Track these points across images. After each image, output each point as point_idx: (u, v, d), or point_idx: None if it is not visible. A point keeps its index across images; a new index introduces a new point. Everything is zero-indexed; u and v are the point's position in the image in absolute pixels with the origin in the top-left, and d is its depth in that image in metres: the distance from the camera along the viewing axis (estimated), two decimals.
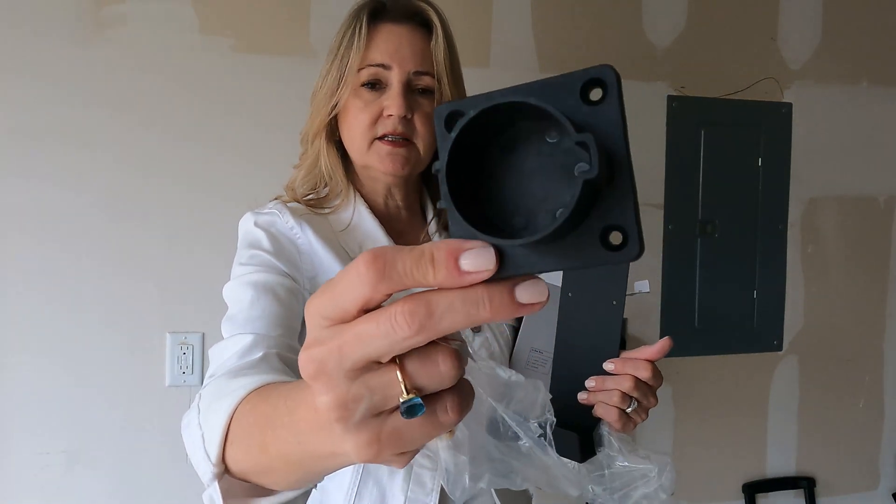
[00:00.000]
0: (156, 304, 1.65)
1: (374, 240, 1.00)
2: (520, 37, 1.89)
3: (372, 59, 0.97)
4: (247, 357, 0.80)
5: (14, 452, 1.59)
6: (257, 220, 0.98)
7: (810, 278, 2.18)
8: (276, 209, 1.00)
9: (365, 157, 1.00)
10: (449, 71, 1.00)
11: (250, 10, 1.69)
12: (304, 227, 0.97)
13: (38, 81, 1.57)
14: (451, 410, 0.37)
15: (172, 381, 1.65)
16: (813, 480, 2.19)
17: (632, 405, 0.79)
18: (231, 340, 0.83)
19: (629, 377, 0.78)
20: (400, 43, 0.98)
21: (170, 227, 1.65)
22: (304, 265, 0.96)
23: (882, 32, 2.20)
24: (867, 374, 2.26)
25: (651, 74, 2.00)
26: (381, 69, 0.97)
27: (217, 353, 0.84)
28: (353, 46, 0.97)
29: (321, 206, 1.03)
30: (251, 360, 0.79)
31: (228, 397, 0.61)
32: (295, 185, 1.07)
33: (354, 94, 0.98)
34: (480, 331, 1.03)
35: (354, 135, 0.99)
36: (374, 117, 0.98)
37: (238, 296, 0.89)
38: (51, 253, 1.59)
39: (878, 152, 2.22)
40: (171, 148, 1.65)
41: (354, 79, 0.98)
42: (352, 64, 0.97)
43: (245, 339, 0.82)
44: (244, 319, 0.86)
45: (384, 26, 0.99)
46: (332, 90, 0.99)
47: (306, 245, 0.97)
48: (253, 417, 0.57)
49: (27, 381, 1.59)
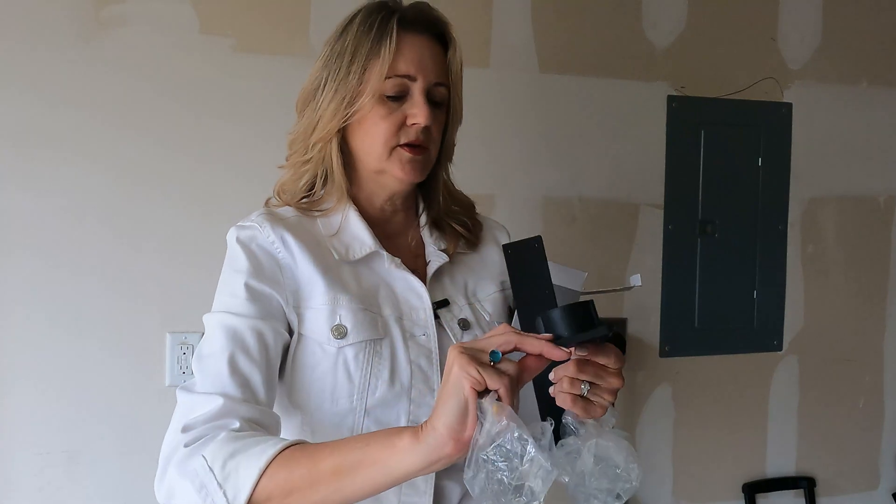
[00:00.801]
0: (156, 304, 1.65)
1: (361, 241, 1.02)
2: (520, 37, 1.89)
3: (399, 70, 0.98)
4: (216, 421, 0.87)
5: (14, 452, 1.59)
6: (239, 236, 1.00)
7: (810, 278, 2.18)
8: (258, 222, 1.00)
9: (383, 164, 1.00)
10: (460, 83, 1.04)
11: (250, 10, 1.69)
12: (285, 238, 0.99)
13: (38, 82, 1.57)
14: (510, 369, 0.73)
15: (172, 381, 1.65)
16: (813, 480, 2.19)
17: (583, 388, 0.78)
18: (200, 400, 0.89)
19: (573, 361, 0.78)
20: (424, 54, 0.99)
21: (170, 227, 1.65)
22: (285, 279, 0.97)
23: (882, 32, 2.20)
24: (867, 374, 2.26)
25: (651, 74, 2.00)
26: (407, 80, 0.98)
27: (187, 405, 0.90)
28: (381, 54, 0.97)
29: (312, 208, 1.04)
30: (220, 424, 0.87)
31: (255, 459, 0.80)
32: (285, 189, 1.07)
33: (378, 100, 0.98)
34: (469, 328, 1.04)
35: (375, 142, 0.99)
36: (397, 126, 0.98)
37: (211, 336, 0.95)
38: (50, 253, 1.59)
39: (878, 152, 2.22)
40: (171, 148, 1.65)
41: (379, 86, 0.97)
42: (378, 71, 0.97)
43: (215, 403, 0.88)
44: (215, 372, 0.91)
45: (408, 36, 0.99)
46: (350, 97, 0.99)
47: (287, 259, 0.98)
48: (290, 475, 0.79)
49: (27, 381, 1.59)
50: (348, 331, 0.96)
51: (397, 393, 0.96)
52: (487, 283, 1.10)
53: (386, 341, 0.97)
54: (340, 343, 0.95)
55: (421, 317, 1.01)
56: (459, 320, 1.03)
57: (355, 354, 0.95)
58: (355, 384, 0.95)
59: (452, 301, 1.04)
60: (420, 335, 1.00)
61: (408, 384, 0.96)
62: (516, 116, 1.90)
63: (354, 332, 0.96)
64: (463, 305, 1.05)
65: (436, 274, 1.06)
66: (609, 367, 0.79)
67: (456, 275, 1.08)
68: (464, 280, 1.08)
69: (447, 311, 1.03)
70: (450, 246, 1.08)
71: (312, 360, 0.96)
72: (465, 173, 1.17)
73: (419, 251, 1.08)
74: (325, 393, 0.96)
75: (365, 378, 0.95)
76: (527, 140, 1.91)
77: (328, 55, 1.02)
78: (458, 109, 1.05)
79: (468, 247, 1.11)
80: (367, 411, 0.95)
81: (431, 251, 1.07)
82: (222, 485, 0.80)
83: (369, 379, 0.95)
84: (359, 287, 1.00)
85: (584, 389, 0.78)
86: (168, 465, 0.86)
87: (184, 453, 0.85)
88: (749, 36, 2.08)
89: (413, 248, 1.08)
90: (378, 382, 0.95)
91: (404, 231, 1.09)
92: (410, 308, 1.01)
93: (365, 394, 0.95)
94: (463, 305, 1.05)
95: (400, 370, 0.97)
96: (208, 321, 0.97)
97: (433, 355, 0.99)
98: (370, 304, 0.99)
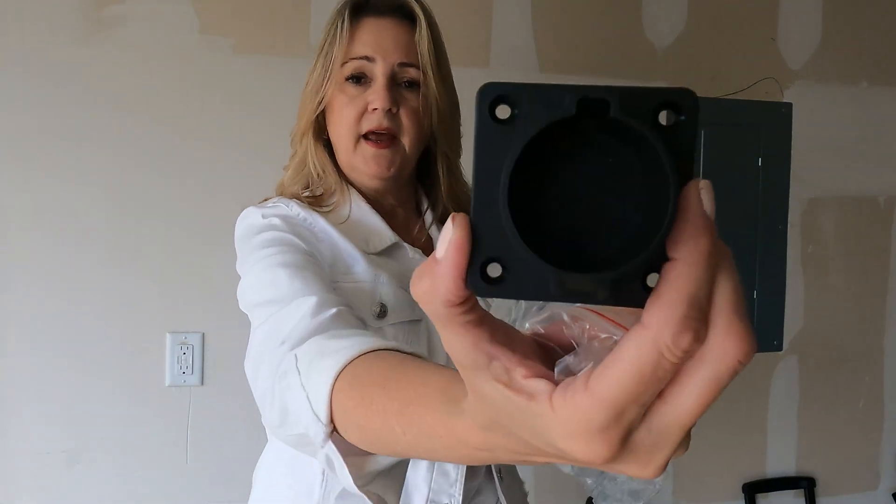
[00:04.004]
0: (156, 304, 1.65)
1: (379, 234, 0.99)
2: (520, 37, 1.89)
3: (355, 53, 0.96)
4: (319, 315, 0.75)
5: (14, 452, 1.59)
6: (265, 213, 0.94)
7: (810, 278, 2.18)
8: (283, 202, 0.97)
9: (351, 158, 0.98)
10: (434, 64, 0.98)
11: (250, 10, 1.69)
12: (314, 216, 0.95)
13: (39, 81, 1.57)
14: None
15: (172, 381, 1.65)
16: (813, 480, 2.19)
17: None
18: (292, 305, 0.77)
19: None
20: (383, 35, 0.97)
21: (170, 227, 1.65)
22: (322, 249, 0.93)
23: (882, 32, 2.20)
24: (867, 374, 2.26)
25: (651, 74, 2.00)
26: (364, 62, 0.96)
27: (278, 322, 0.76)
28: (337, 41, 0.96)
29: (318, 204, 1.01)
30: (326, 317, 0.75)
31: (332, 356, 0.62)
32: (285, 187, 1.05)
33: (339, 88, 0.97)
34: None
35: (341, 132, 0.98)
36: (359, 112, 0.96)
37: (269, 278, 0.83)
38: (50, 252, 1.59)
39: (878, 152, 2.22)
40: (171, 148, 1.65)
41: (339, 73, 0.97)
42: (336, 58, 0.96)
43: (309, 300, 0.77)
44: (291, 292, 0.80)
45: (367, 20, 0.98)
46: (317, 86, 0.98)
47: (323, 233, 0.94)
48: (370, 379, 0.57)
49: (27, 381, 1.59)
50: (389, 310, 0.92)
51: None
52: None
53: (423, 324, 0.95)
54: (380, 323, 0.92)
55: None
56: None
57: (394, 335, 0.92)
58: None
59: None
60: None
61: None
62: None
63: (395, 312, 0.93)
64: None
65: None
66: None
67: None
68: None
69: None
70: None
71: None
72: (466, 173, 1.17)
73: (427, 247, 1.06)
74: None
75: None
76: None
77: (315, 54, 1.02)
78: (438, 91, 0.98)
79: None
80: None
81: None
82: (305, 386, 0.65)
83: None
84: (392, 271, 0.97)
85: None
86: (274, 384, 0.71)
87: (289, 361, 0.70)
88: (749, 36, 2.08)
89: (422, 244, 1.05)
90: None
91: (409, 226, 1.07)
92: None
93: None
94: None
95: (437, 354, 0.94)
96: (252, 275, 0.86)
97: None
98: (406, 285, 0.95)
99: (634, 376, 0.30)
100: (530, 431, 0.35)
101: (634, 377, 0.30)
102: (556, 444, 0.33)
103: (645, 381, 0.30)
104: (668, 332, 0.29)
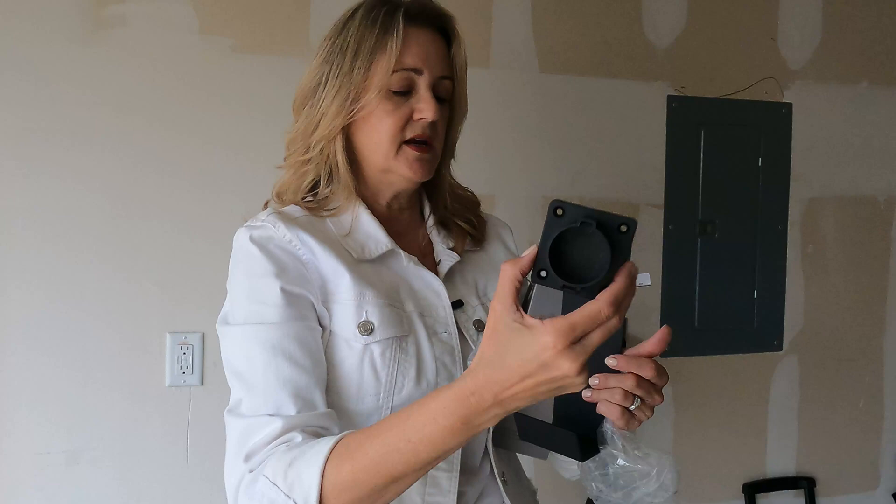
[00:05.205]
0: (156, 304, 1.65)
1: (375, 240, 0.99)
2: (520, 37, 1.89)
3: (405, 63, 0.96)
4: (278, 441, 0.84)
5: (14, 452, 1.59)
6: (252, 235, 0.94)
7: (810, 278, 2.18)
8: (269, 222, 0.96)
9: (390, 162, 0.98)
10: (464, 77, 1.03)
11: (250, 10, 1.69)
12: (301, 236, 0.95)
13: (39, 81, 1.57)
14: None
15: (172, 381, 1.65)
16: (813, 480, 2.19)
17: (635, 403, 0.78)
18: (256, 424, 0.86)
19: (632, 375, 0.77)
20: (429, 49, 0.98)
21: (170, 228, 1.65)
22: (311, 276, 0.93)
23: (882, 32, 2.20)
24: (867, 374, 2.26)
25: (651, 74, 2.00)
26: (413, 73, 0.97)
27: (242, 431, 0.86)
28: (387, 48, 0.95)
29: (320, 208, 1.01)
30: (283, 440, 0.84)
31: (313, 459, 0.79)
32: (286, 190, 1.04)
33: (384, 96, 0.97)
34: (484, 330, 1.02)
35: (382, 139, 0.97)
36: (404, 121, 0.97)
37: (247, 352, 0.90)
38: (50, 253, 1.59)
39: (878, 152, 2.23)
40: (171, 148, 1.65)
41: (385, 81, 0.96)
42: (384, 66, 0.96)
43: (273, 426, 0.85)
44: (263, 390, 0.87)
45: (413, 30, 0.98)
46: (355, 93, 0.97)
47: (308, 255, 0.94)
48: (351, 466, 0.77)
49: (27, 381, 1.59)
50: (375, 327, 0.92)
51: (423, 391, 0.93)
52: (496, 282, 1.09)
53: (411, 338, 0.95)
54: (367, 340, 0.92)
55: (441, 314, 0.99)
56: (475, 321, 1.01)
57: (382, 352, 0.92)
58: (382, 382, 0.92)
59: (466, 302, 1.03)
60: (442, 332, 0.98)
61: (433, 382, 0.94)
62: (516, 116, 1.90)
63: (381, 328, 0.93)
64: (476, 306, 1.04)
65: (447, 273, 1.04)
66: (657, 384, 0.79)
67: (466, 274, 1.07)
68: (474, 279, 1.07)
69: (461, 313, 1.01)
70: (458, 244, 1.06)
71: (338, 358, 0.93)
72: (466, 173, 1.17)
73: (428, 250, 1.07)
74: (350, 391, 0.92)
75: (391, 376, 0.92)
76: (527, 140, 1.91)
77: (328, 51, 0.99)
78: (463, 104, 1.05)
79: (475, 244, 1.09)
80: (392, 410, 0.92)
81: (441, 250, 1.05)
82: (290, 495, 0.79)
83: (396, 377, 0.93)
84: (381, 283, 0.97)
85: (636, 404, 0.78)
86: (238, 494, 0.85)
87: (249, 479, 0.83)
88: (749, 36, 2.08)
89: (422, 247, 1.06)
90: (405, 381, 0.93)
91: (411, 230, 1.07)
92: (430, 305, 0.99)
93: (391, 392, 0.92)
94: (476, 306, 1.04)
95: (426, 368, 0.94)
96: (234, 334, 0.92)
97: (456, 353, 0.97)
98: (394, 299, 0.96)
99: (588, 316, 0.65)
100: (521, 356, 0.67)
101: (588, 316, 0.65)
102: (541, 358, 0.66)
103: (593, 320, 0.65)
104: (604, 303, 0.65)
